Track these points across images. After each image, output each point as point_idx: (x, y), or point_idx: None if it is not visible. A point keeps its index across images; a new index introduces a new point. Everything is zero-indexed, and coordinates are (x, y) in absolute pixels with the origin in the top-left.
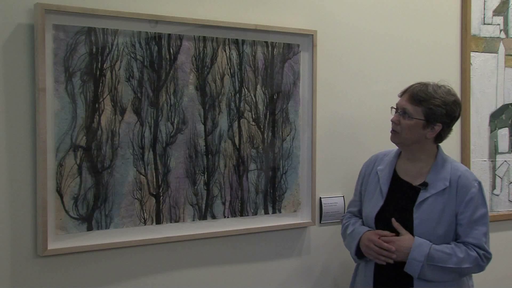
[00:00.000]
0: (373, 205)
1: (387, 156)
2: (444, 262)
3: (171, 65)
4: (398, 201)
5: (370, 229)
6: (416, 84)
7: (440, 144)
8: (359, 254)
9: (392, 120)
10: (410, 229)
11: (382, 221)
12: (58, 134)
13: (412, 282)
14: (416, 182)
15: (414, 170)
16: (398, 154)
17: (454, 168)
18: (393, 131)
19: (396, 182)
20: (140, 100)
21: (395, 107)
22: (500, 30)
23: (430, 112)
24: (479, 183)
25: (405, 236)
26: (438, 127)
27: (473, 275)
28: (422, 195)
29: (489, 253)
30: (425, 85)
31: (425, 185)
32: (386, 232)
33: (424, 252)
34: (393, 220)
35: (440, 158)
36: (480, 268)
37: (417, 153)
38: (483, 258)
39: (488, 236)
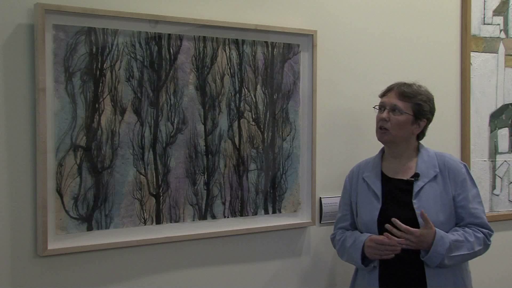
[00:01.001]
0: (371, 209)
1: (369, 163)
2: (459, 250)
3: (171, 65)
4: (395, 198)
5: (371, 234)
6: (396, 83)
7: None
8: (364, 262)
9: (382, 117)
10: (413, 221)
11: (384, 222)
12: (58, 134)
13: (421, 278)
14: (406, 177)
15: (401, 166)
16: (381, 157)
17: (438, 155)
18: (383, 129)
19: (387, 182)
20: (140, 100)
21: (378, 107)
22: (500, 30)
23: (418, 107)
24: (465, 165)
25: (430, 230)
26: (423, 123)
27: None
28: (417, 186)
29: (492, 230)
30: (407, 84)
31: (417, 176)
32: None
33: (446, 245)
34: (422, 212)
35: (423, 150)
36: (487, 247)
37: (402, 150)
38: (488, 237)
39: (485, 213)
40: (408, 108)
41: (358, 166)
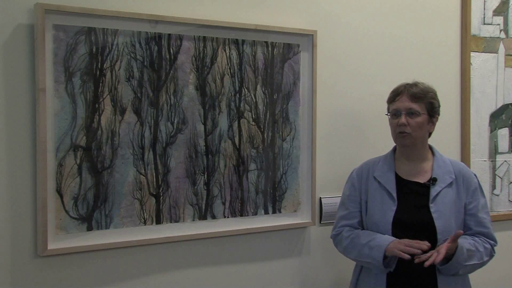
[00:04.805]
0: (385, 210)
1: (379, 162)
2: (471, 259)
3: (171, 65)
4: (410, 201)
5: (395, 239)
6: (401, 86)
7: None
8: (385, 263)
9: (401, 123)
10: (430, 224)
11: (399, 224)
12: (58, 134)
13: (431, 282)
14: (423, 180)
15: (416, 169)
16: (393, 157)
17: (453, 162)
18: (403, 133)
19: (401, 184)
20: (140, 100)
21: (390, 113)
22: (500, 30)
23: (431, 105)
24: (476, 175)
25: (454, 244)
26: (435, 120)
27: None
28: (434, 190)
29: (496, 242)
30: (412, 84)
31: (434, 180)
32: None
33: (464, 255)
34: (459, 232)
35: (438, 154)
36: (491, 258)
37: (419, 152)
38: (493, 248)
39: (491, 224)
40: (423, 109)
41: (367, 164)
